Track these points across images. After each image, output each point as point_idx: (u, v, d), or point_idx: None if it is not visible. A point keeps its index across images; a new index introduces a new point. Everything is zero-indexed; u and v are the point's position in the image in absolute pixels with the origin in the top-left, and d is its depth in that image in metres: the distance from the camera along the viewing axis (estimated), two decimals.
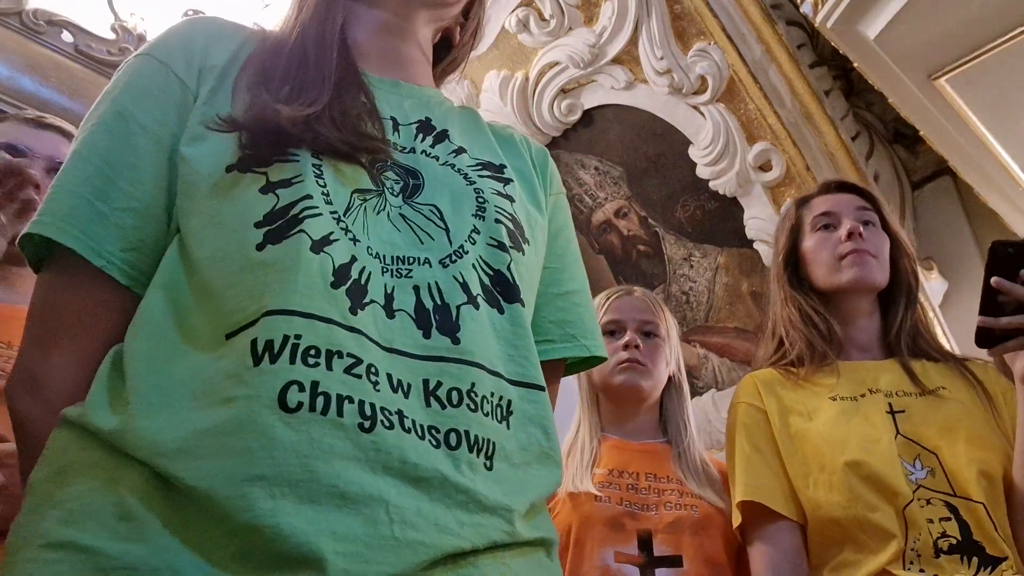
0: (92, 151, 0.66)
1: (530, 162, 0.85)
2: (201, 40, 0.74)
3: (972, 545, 1.02)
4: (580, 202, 2.63)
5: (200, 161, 0.64)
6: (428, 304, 0.62)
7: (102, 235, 0.63)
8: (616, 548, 1.19)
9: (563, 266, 0.83)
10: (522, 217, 0.75)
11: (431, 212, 0.68)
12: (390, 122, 0.74)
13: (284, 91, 0.68)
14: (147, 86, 0.70)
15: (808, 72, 2.04)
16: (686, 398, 1.43)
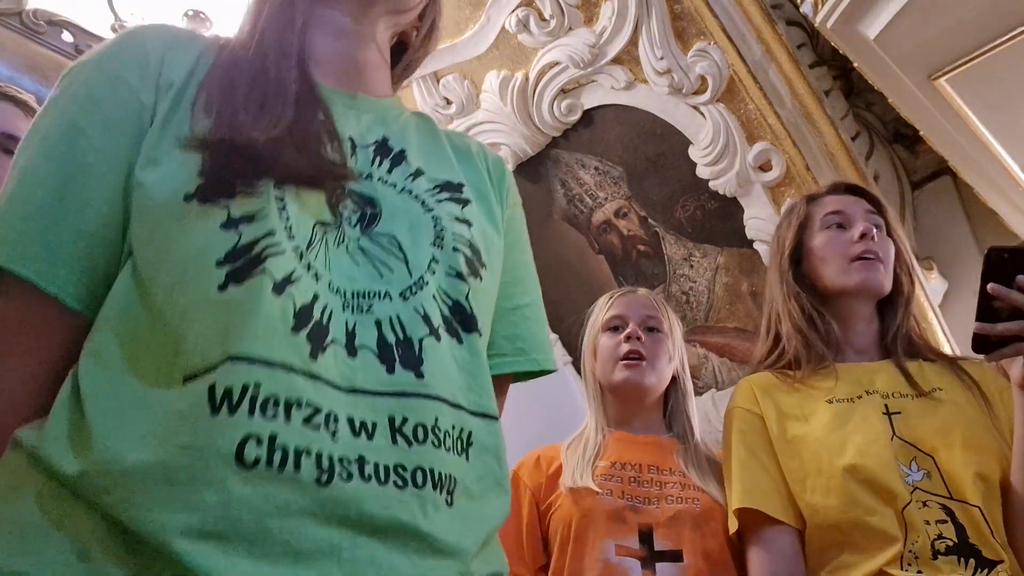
0: (41, 171, 0.63)
1: (487, 176, 0.84)
2: (156, 52, 0.69)
3: (968, 548, 1.02)
4: (580, 202, 2.63)
5: (156, 187, 0.61)
6: (390, 339, 0.62)
7: (52, 261, 0.60)
8: (617, 541, 1.20)
9: (516, 279, 0.83)
10: (479, 242, 0.74)
11: (389, 243, 0.67)
12: (348, 143, 0.72)
13: (246, 111, 0.65)
14: (99, 100, 0.65)
15: (808, 72, 2.04)
16: (690, 396, 1.44)
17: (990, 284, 1.01)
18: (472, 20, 2.38)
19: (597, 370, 1.41)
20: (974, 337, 1.03)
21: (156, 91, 0.67)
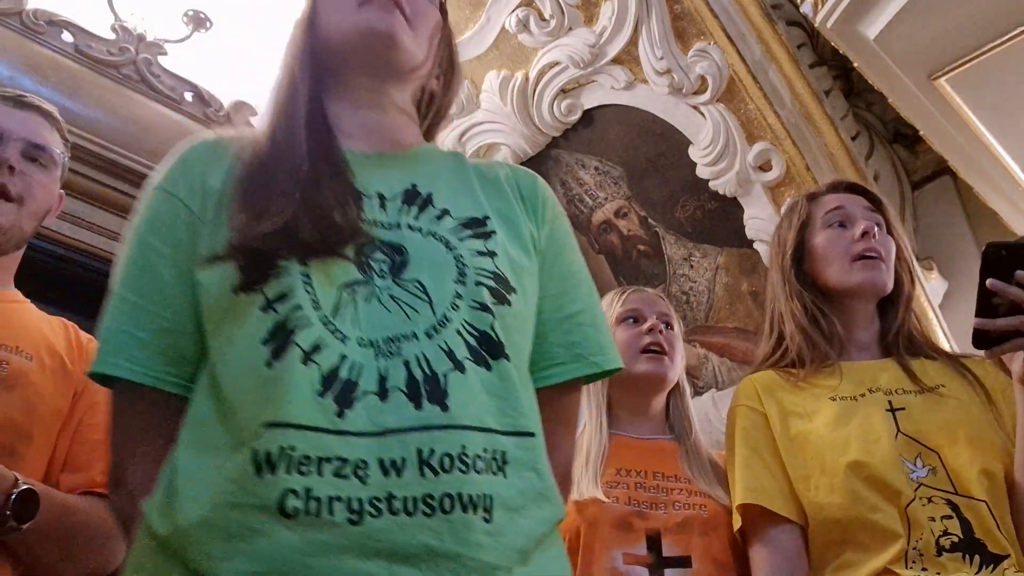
0: (124, 286, 0.77)
1: (517, 200, 0.88)
2: (199, 166, 0.81)
3: (974, 543, 1.02)
4: (580, 202, 2.63)
5: (211, 286, 0.72)
6: (418, 375, 0.68)
7: (146, 358, 0.74)
8: (625, 549, 1.19)
9: (564, 290, 0.87)
10: (506, 269, 0.79)
11: (415, 287, 0.74)
12: (377, 199, 0.79)
13: (261, 206, 0.74)
14: (160, 216, 0.79)
15: (808, 72, 2.05)
16: (689, 398, 1.45)
17: (989, 280, 1.01)
18: (472, 20, 2.38)
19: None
20: (974, 333, 1.03)
21: (202, 198, 0.79)
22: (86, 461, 1.16)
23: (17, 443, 1.08)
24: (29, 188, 1.17)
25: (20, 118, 1.21)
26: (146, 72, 2.03)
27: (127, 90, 2.00)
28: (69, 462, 1.15)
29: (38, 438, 1.11)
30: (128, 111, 1.98)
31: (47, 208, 1.24)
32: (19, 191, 1.16)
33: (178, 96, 2.08)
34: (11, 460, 1.04)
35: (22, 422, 1.09)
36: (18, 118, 1.20)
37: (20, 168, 1.16)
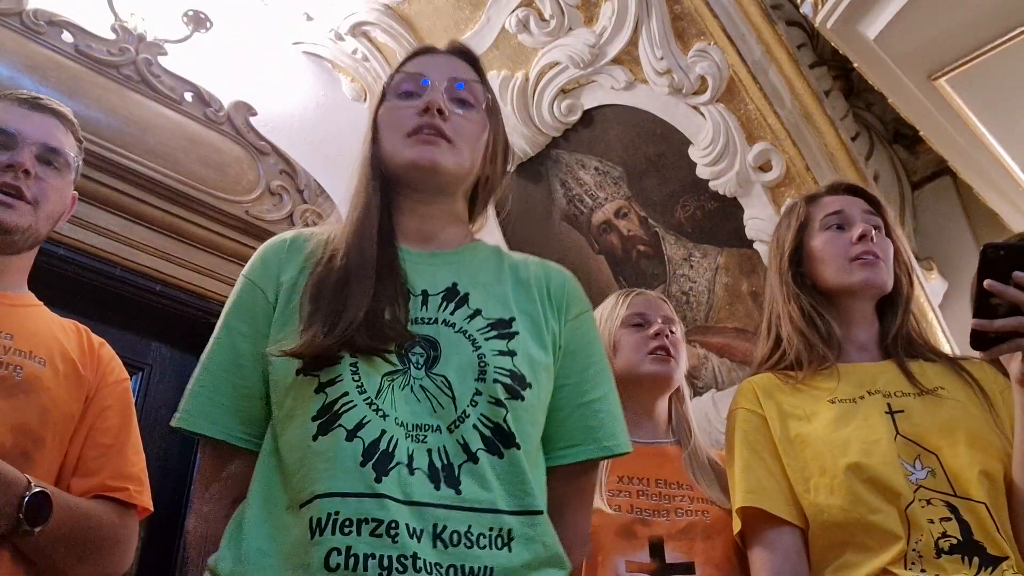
0: (211, 360, 0.96)
1: (544, 300, 1.03)
2: (276, 261, 1.00)
3: (973, 545, 1.02)
4: (580, 202, 2.63)
5: (279, 366, 0.89)
6: (438, 463, 0.83)
7: (226, 420, 0.92)
8: (628, 557, 1.19)
9: (585, 378, 1.00)
10: (524, 367, 0.92)
11: (442, 383, 0.88)
12: (420, 297, 0.95)
13: (331, 321, 0.89)
14: (243, 303, 0.99)
15: (808, 72, 2.05)
16: (689, 403, 1.46)
17: (986, 280, 1.01)
18: (472, 20, 2.38)
19: (618, 365, 1.42)
20: (972, 334, 1.03)
21: (277, 289, 0.97)
22: (97, 465, 1.17)
23: (30, 447, 1.09)
24: (44, 191, 1.19)
25: (36, 121, 1.21)
26: (146, 72, 2.03)
27: (127, 90, 2.00)
28: (80, 466, 1.16)
29: (50, 442, 1.12)
30: (128, 111, 1.98)
31: (61, 210, 1.25)
32: (34, 194, 1.17)
33: (178, 96, 2.08)
34: (24, 464, 1.05)
35: (36, 427, 1.10)
36: (34, 121, 1.21)
37: (35, 172, 1.17)
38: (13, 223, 1.14)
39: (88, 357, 1.23)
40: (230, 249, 2.06)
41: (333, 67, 2.65)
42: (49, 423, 1.12)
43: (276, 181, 2.21)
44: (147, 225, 1.93)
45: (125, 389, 1.27)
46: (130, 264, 1.89)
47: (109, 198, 1.87)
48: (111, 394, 1.23)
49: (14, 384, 1.09)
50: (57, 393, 1.14)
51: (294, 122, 2.46)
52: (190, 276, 1.99)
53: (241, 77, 2.36)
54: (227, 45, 2.35)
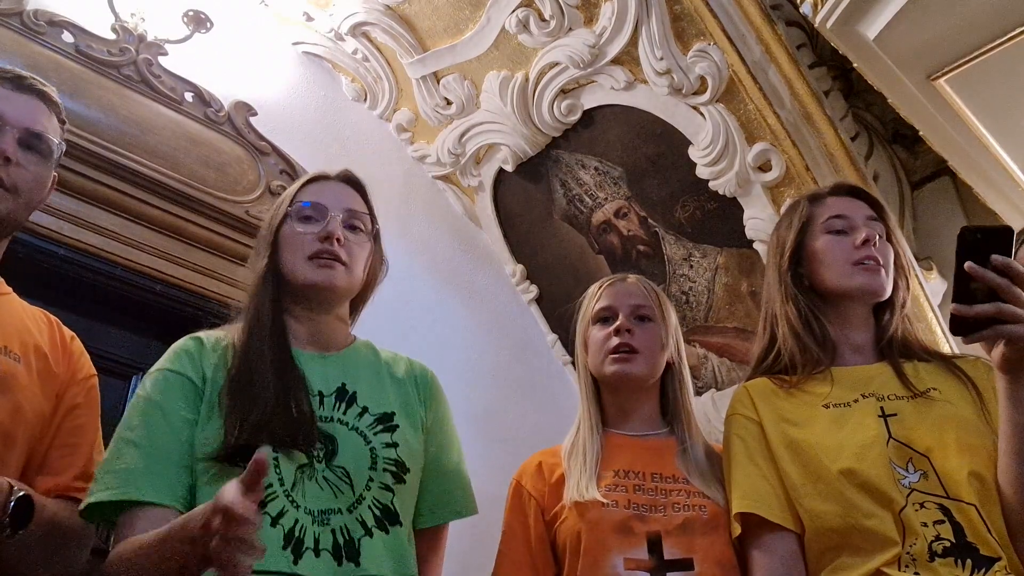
0: (137, 434, 1.07)
1: (413, 391, 1.25)
2: (197, 357, 1.15)
3: (966, 547, 1.02)
4: (580, 202, 2.64)
5: (207, 446, 1.04)
6: (340, 540, 1.03)
7: (170, 487, 1.05)
8: (626, 554, 1.18)
9: (441, 449, 1.24)
10: (404, 455, 1.14)
11: (342, 473, 1.08)
12: (317, 397, 1.13)
13: (245, 411, 1.04)
14: (174, 389, 1.11)
15: (807, 72, 2.05)
16: (687, 384, 1.40)
17: (967, 263, 1.00)
18: (472, 20, 2.39)
19: (589, 362, 1.39)
20: (951, 319, 1.02)
21: (202, 380, 1.11)
22: (62, 465, 1.15)
23: (2, 448, 1.06)
24: (24, 178, 1.13)
25: (19, 103, 1.15)
26: (146, 72, 2.03)
27: (127, 90, 1.99)
28: (46, 465, 1.14)
29: (20, 440, 1.09)
30: (128, 111, 1.98)
31: (40, 198, 1.20)
32: (14, 181, 1.12)
33: (178, 96, 2.08)
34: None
35: (8, 426, 1.07)
36: (17, 103, 1.15)
37: (16, 158, 1.12)
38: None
39: (60, 352, 1.20)
40: (230, 249, 2.06)
41: (333, 67, 2.65)
42: (21, 421, 1.09)
43: (276, 181, 2.21)
44: (147, 225, 1.93)
45: (93, 386, 1.24)
46: (130, 264, 1.89)
47: (109, 198, 1.87)
48: (80, 392, 1.20)
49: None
50: (31, 391, 1.11)
51: (294, 122, 2.46)
52: (190, 276, 1.99)
53: (241, 77, 2.37)
54: (227, 45, 2.35)
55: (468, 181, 2.76)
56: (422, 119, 2.66)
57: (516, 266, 2.83)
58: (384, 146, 2.70)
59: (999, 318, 0.98)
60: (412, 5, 2.41)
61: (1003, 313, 0.98)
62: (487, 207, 2.78)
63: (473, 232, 2.86)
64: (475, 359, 2.62)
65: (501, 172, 2.69)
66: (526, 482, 1.33)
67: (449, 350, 2.53)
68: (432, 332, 2.52)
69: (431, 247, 2.70)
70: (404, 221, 2.66)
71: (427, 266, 2.66)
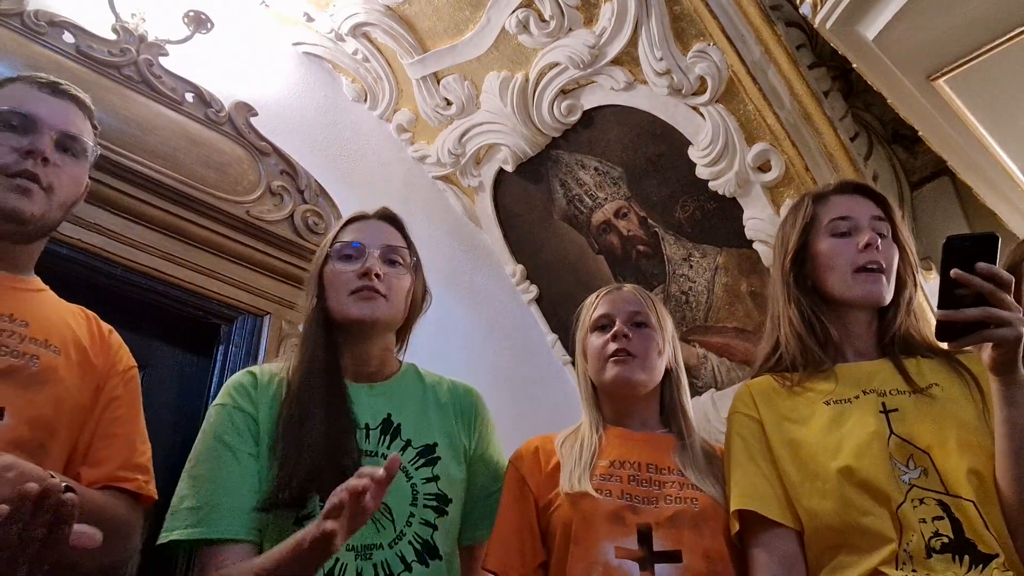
0: (215, 471, 1.18)
1: (457, 420, 1.32)
2: (253, 394, 1.24)
3: (964, 543, 1.02)
4: (580, 202, 2.64)
5: (261, 495, 1.13)
6: (382, 574, 1.12)
7: (248, 524, 1.14)
8: (616, 544, 1.19)
9: (489, 478, 1.32)
10: (446, 487, 1.23)
11: (384, 509, 1.15)
12: (363, 430, 1.21)
13: (295, 463, 1.12)
14: (238, 427, 1.21)
15: (807, 73, 2.05)
16: (685, 389, 1.42)
17: (953, 270, 1.01)
18: (472, 21, 2.39)
19: (589, 370, 1.41)
20: (938, 325, 1.03)
21: (258, 420, 1.20)
22: (106, 455, 1.17)
23: (46, 439, 1.09)
24: (60, 179, 1.17)
25: (55, 106, 1.20)
26: (147, 73, 2.03)
27: (128, 91, 2.00)
28: (90, 455, 1.16)
29: (63, 432, 1.12)
30: (129, 111, 1.98)
31: (75, 198, 1.24)
32: (50, 181, 1.15)
33: (179, 97, 2.08)
34: (40, 455, 1.05)
35: (50, 418, 1.10)
36: (53, 106, 1.19)
37: (53, 159, 1.16)
38: (28, 212, 1.13)
39: (99, 345, 1.23)
40: (231, 249, 2.07)
41: (334, 68, 2.65)
42: (63, 413, 1.12)
43: (277, 181, 2.21)
44: (148, 225, 1.94)
45: (133, 377, 1.27)
46: (131, 264, 1.89)
47: (110, 198, 1.87)
48: (120, 383, 1.23)
49: (31, 375, 1.09)
50: (71, 383, 1.14)
51: (295, 123, 2.47)
52: (191, 276, 1.99)
53: (242, 78, 2.37)
54: (228, 46, 2.35)
55: (468, 181, 2.76)
56: (422, 119, 2.67)
57: (516, 266, 2.83)
58: (384, 146, 2.70)
59: (986, 322, 0.99)
60: (412, 6, 2.41)
61: (990, 317, 1.00)
62: (487, 207, 2.78)
63: (473, 232, 2.86)
64: (475, 359, 2.62)
65: (501, 172, 2.70)
66: (523, 467, 1.34)
67: (449, 350, 2.53)
68: (432, 332, 2.51)
69: (431, 247, 2.70)
70: (404, 221, 2.66)
71: (427, 266, 2.65)
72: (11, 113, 1.15)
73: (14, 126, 1.15)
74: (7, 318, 1.10)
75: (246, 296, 2.07)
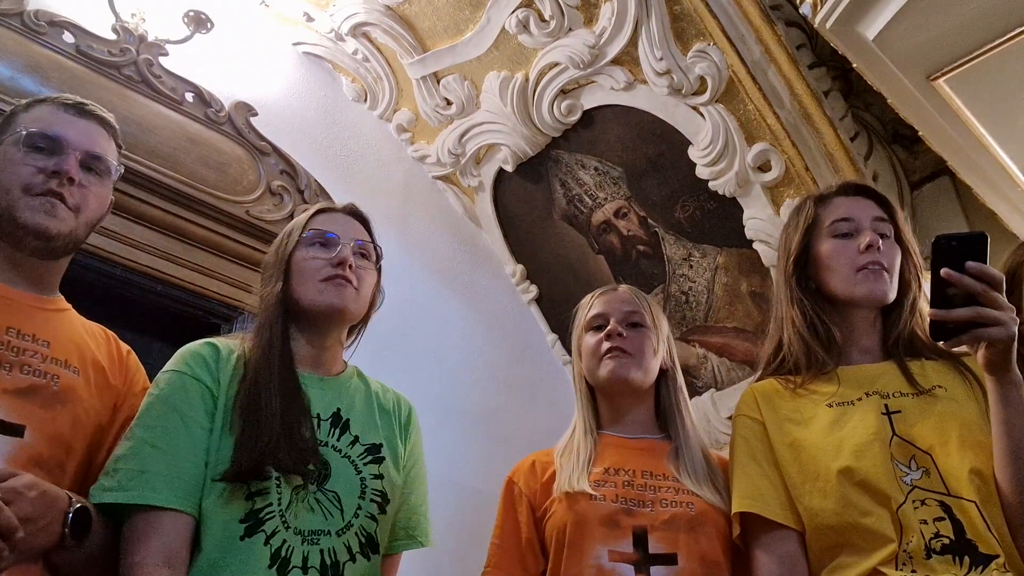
0: (157, 438, 1.13)
1: (397, 426, 1.33)
2: (212, 365, 1.20)
3: (965, 544, 1.02)
4: (580, 202, 2.64)
5: (213, 469, 1.11)
6: (328, 562, 1.11)
7: (184, 491, 1.11)
8: (611, 547, 1.19)
9: (413, 488, 1.33)
10: (388, 488, 1.24)
11: (333, 497, 1.16)
12: (316, 419, 1.20)
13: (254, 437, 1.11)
14: (191, 396, 1.17)
15: (807, 73, 2.05)
16: (681, 390, 1.42)
17: (943, 269, 1.01)
18: (472, 21, 2.39)
19: (584, 370, 1.41)
20: (931, 325, 1.04)
21: (217, 393, 1.18)
22: None
23: (64, 457, 1.11)
24: (86, 198, 1.20)
25: (81, 127, 1.23)
26: (147, 73, 2.03)
27: (128, 91, 2.00)
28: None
29: (79, 451, 1.13)
30: (129, 111, 1.98)
31: (100, 216, 1.27)
32: (76, 201, 1.18)
33: (179, 96, 2.08)
34: (58, 474, 1.07)
35: (68, 436, 1.11)
36: (79, 127, 1.22)
37: (79, 179, 1.18)
38: (55, 230, 1.16)
39: (117, 365, 1.25)
40: (231, 249, 2.07)
41: (333, 67, 2.65)
42: (80, 433, 1.13)
43: (277, 181, 2.21)
44: (148, 225, 1.94)
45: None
46: (131, 264, 1.89)
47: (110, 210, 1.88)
48: (136, 404, 1.24)
49: (52, 394, 1.10)
50: (90, 404, 1.16)
51: (295, 122, 2.47)
52: (191, 276, 1.99)
53: (242, 77, 2.37)
54: (228, 45, 2.35)
55: (468, 181, 2.76)
56: (422, 119, 2.67)
57: (516, 266, 2.83)
58: (384, 146, 2.70)
59: (977, 322, 1.00)
60: (412, 5, 2.41)
61: (981, 316, 1.00)
62: (487, 207, 2.78)
63: (473, 232, 2.86)
64: (475, 359, 2.62)
65: (501, 172, 2.70)
66: (519, 479, 1.35)
67: (449, 350, 2.54)
68: (432, 332, 2.52)
69: (431, 247, 2.71)
70: (404, 221, 2.66)
71: (427, 266, 2.66)
72: (38, 135, 1.18)
73: (41, 147, 1.17)
74: (30, 338, 1.12)
75: (246, 296, 2.06)
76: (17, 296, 1.16)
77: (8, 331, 1.10)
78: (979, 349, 1.04)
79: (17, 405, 1.06)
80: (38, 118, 1.20)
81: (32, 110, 1.22)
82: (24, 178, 1.14)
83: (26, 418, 1.06)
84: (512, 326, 2.82)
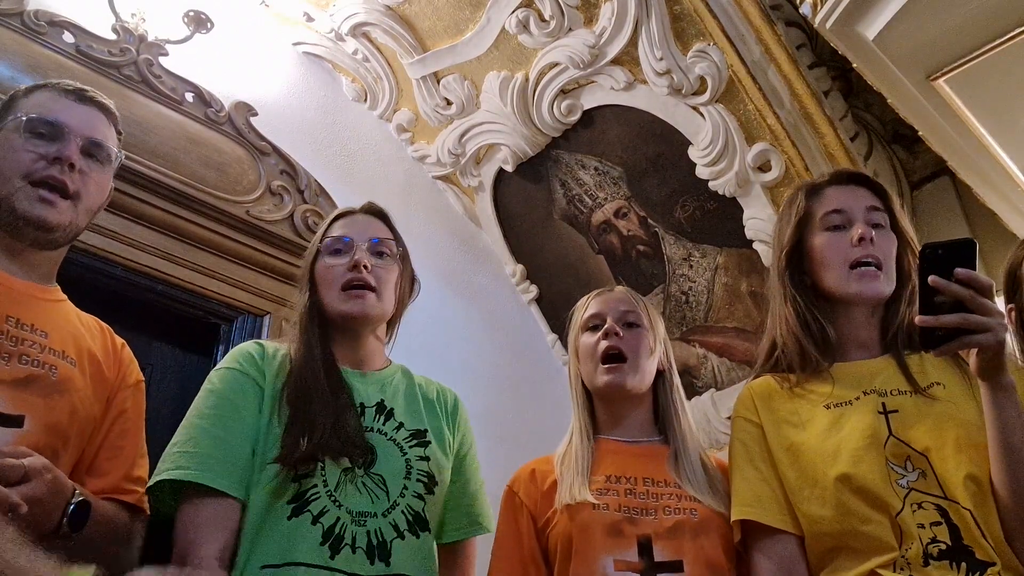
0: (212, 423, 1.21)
1: (443, 415, 1.38)
2: (260, 363, 1.27)
3: (961, 550, 1.01)
4: (580, 202, 2.64)
5: (262, 455, 1.18)
6: (375, 541, 1.16)
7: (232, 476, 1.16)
8: (615, 556, 1.18)
9: (470, 475, 1.39)
10: (435, 470, 1.28)
11: (379, 480, 1.21)
12: (359, 408, 1.27)
13: (306, 426, 1.17)
14: (242, 385, 1.25)
15: (807, 73, 2.05)
16: (678, 391, 1.41)
17: (931, 277, 1.00)
18: (472, 21, 2.39)
19: (581, 371, 1.41)
20: (920, 332, 1.03)
21: (264, 386, 1.24)
22: (110, 467, 1.19)
23: (59, 446, 1.11)
24: (86, 185, 1.19)
25: (81, 114, 1.22)
26: (147, 73, 2.03)
27: (128, 90, 2.00)
28: (94, 467, 1.18)
29: (73, 442, 1.14)
30: (129, 111, 1.97)
31: (100, 203, 1.26)
32: (77, 188, 1.17)
33: (179, 96, 2.08)
34: (54, 462, 1.07)
35: (65, 426, 1.12)
36: (79, 113, 1.21)
37: (79, 166, 1.17)
38: (55, 220, 1.15)
39: (112, 358, 1.25)
40: (231, 249, 2.06)
41: (334, 67, 2.65)
42: (75, 423, 1.14)
43: (277, 181, 2.21)
44: (148, 225, 1.94)
45: (140, 391, 1.30)
46: (131, 264, 1.89)
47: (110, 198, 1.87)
48: (129, 396, 1.25)
49: (51, 384, 1.11)
50: (85, 394, 1.16)
51: (295, 122, 2.46)
52: (191, 276, 1.99)
53: (242, 77, 2.37)
54: (228, 45, 2.35)
55: (468, 181, 2.76)
56: (422, 119, 2.67)
57: (516, 266, 2.83)
58: (384, 146, 2.70)
59: (966, 328, 0.99)
60: (412, 5, 2.41)
61: (969, 323, 0.99)
62: (487, 207, 2.78)
63: (473, 232, 2.86)
64: (475, 359, 2.62)
65: (501, 172, 2.70)
66: (519, 489, 1.34)
67: (449, 350, 2.53)
68: (432, 332, 2.52)
69: (431, 247, 2.70)
70: (404, 221, 2.63)
71: (427, 266, 2.66)
72: (38, 121, 1.17)
73: (41, 133, 1.16)
74: (29, 328, 1.12)
75: (246, 296, 2.07)
76: (16, 285, 1.15)
77: (7, 320, 1.09)
78: (970, 356, 1.03)
79: (16, 396, 1.06)
80: (38, 104, 1.19)
81: (32, 96, 1.21)
82: (24, 164, 1.13)
83: (25, 408, 1.07)
84: (512, 326, 2.82)
